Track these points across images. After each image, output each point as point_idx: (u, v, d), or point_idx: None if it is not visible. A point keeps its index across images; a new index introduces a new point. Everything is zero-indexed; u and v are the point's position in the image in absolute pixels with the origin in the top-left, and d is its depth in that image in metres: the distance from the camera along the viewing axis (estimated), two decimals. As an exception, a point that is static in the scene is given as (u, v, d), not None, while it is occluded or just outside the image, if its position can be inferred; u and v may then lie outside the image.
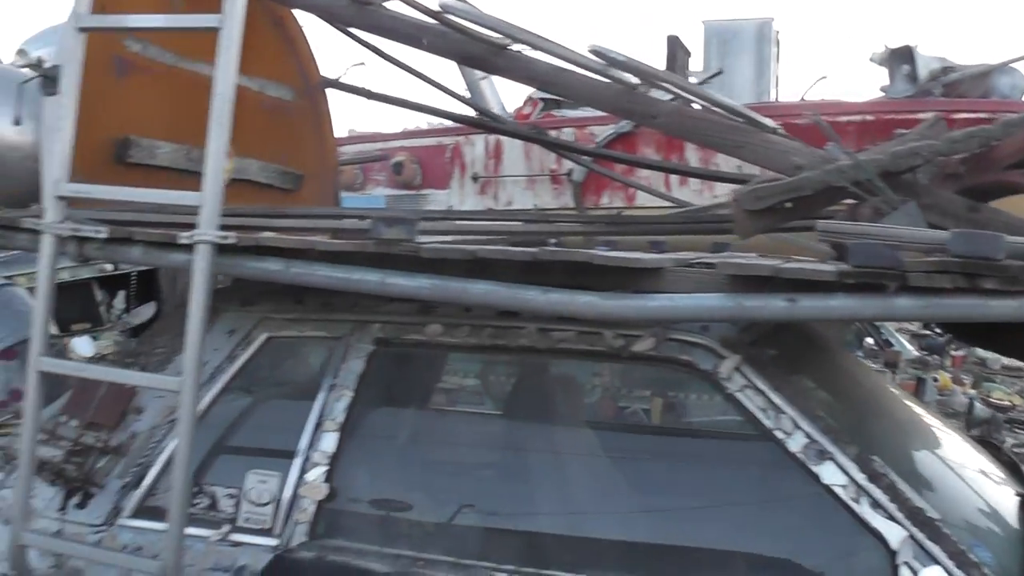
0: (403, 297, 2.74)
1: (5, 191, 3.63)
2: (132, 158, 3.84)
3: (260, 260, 2.82)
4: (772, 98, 8.62)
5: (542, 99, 8.91)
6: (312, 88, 4.96)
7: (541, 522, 3.06)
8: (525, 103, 9.08)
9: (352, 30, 4.51)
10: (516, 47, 3.89)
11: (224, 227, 2.81)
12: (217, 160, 2.76)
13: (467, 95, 7.46)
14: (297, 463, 3.02)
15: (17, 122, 3.59)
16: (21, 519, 2.93)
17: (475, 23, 3.75)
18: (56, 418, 3.38)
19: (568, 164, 6.47)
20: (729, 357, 2.81)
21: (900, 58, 6.73)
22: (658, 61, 6.74)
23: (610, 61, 3.64)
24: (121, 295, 7.77)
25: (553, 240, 3.82)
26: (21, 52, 7.51)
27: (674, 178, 6.41)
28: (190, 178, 4.21)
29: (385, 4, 4.03)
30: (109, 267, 7.65)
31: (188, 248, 2.82)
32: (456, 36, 3.86)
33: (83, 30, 3.01)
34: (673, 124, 3.78)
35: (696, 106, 4.03)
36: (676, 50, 8.54)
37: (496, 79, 6.27)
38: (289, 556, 2.90)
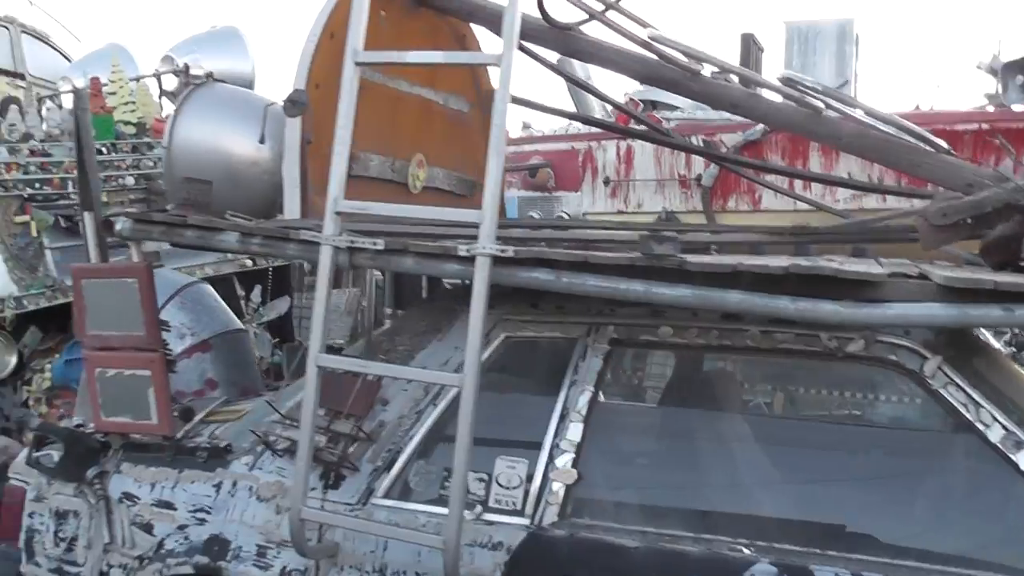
0: (667, 305, 3.06)
1: (246, 203, 4.00)
2: (352, 171, 4.20)
3: (531, 271, 3.15)
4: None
5: (642, 101, 9.22)
6: (485, 99, 5.30)
7: (765, 504, 3.40)
8: (626, 104, 9.36)
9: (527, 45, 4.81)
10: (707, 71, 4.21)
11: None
12: (495, 181, 3.09)
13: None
14: (545, 450, 3.37)
15: (261, 140, 3.96)
16: (302, 497, 3.29)
17: (674, 49, 4.06)
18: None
19: (697, 168, 6.79)
20: (932, 357, 3.13)
21: (1016, 69, 6.98)
22: (732, 57, 7.04)
23: (801, 89, 3.96)
24: (257, 290, 8.15)
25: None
26: (167, 59, 7.97)
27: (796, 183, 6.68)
28: (391, 187, 4.61)
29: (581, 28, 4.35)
30: (249, 263, 8.05)
31: (462, 259, 3.17)
32: (654, 62, 4.16)
33: (359, 64, 3.34)
34: (856, 145, 4.08)
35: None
36: (750, 47, 8.88)
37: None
38: (543, 534, 3.26)
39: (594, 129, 7.18)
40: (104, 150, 7.04)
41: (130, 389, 3.91)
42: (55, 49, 11.37)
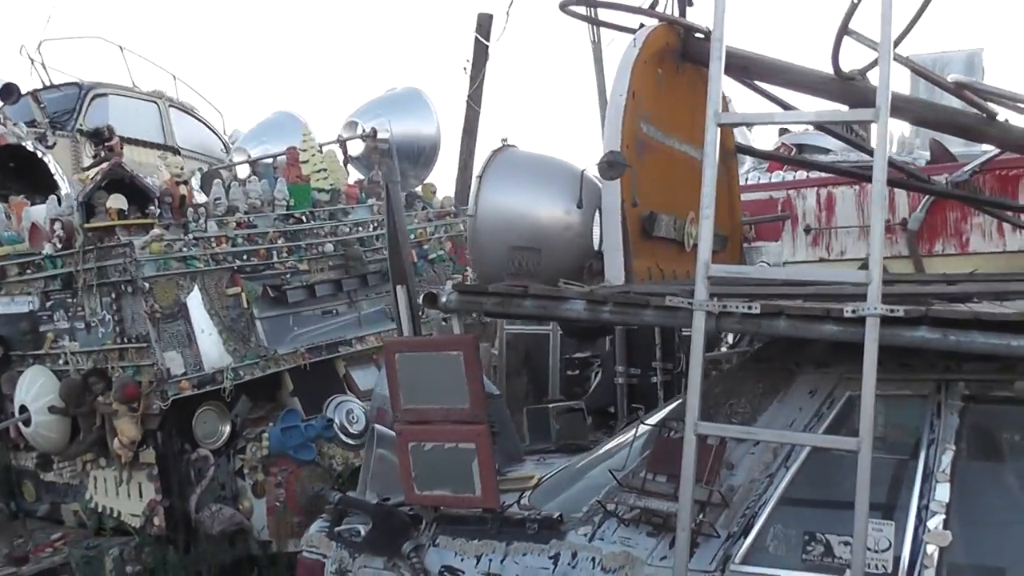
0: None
1: (554, 268, 3.98)
2: (654, 231, 4.18)
3: (915, 330, 3.07)
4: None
5: (795, 145, 9.17)
6: (727, 153, 5.27)
7: None
8: (777, 149, 9.31)
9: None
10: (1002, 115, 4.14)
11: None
12: (879, 240, 3.04)
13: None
14: (912, 512, 3.26)
15: (579, 205, 3.94)
16: (684, 572, 3.21)
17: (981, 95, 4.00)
18: (641, 473, 3.69)
19: (901, 212, 6.71)
20: None
21: None
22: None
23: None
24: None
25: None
26: (351, 124, 8.04)
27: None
28: (672, 246, 4.57)
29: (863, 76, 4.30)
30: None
31: (843, 320, 3.10)
32: (949, 109, 4.10)
33: (720, 125, 3.31)
34: None
35: None
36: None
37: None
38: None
39: (787, 176, 7.17)
40: (304, 218, 7.10)
41: (451, 462, 3.87)
42: (202, 122, 11.60)
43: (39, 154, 9.99)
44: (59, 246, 6.54)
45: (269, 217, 6.92)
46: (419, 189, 8.44)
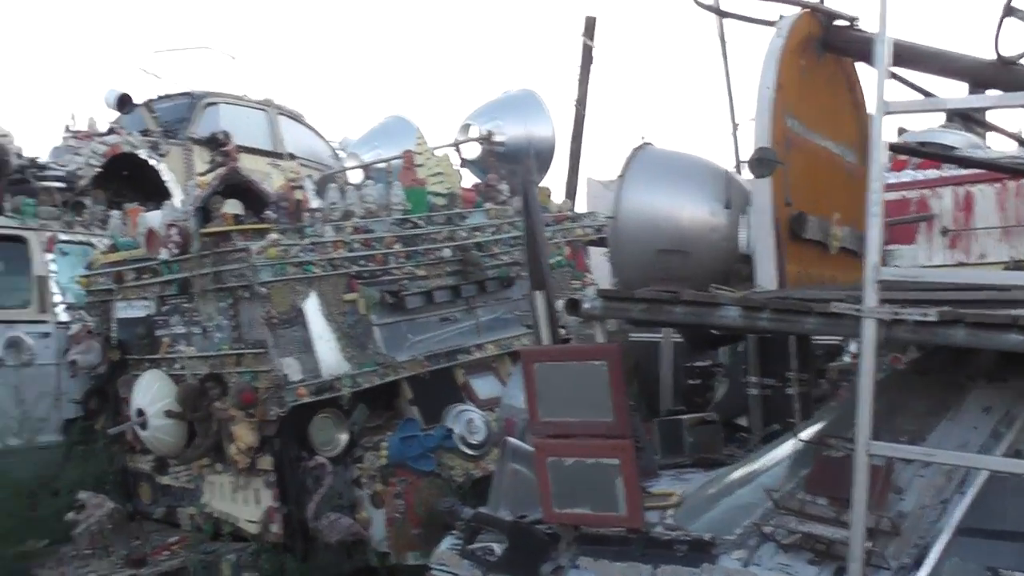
0: None
1: (698, 271, 3.75)
2: (804, 233, 3.91)
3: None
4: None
5: (917, 143, 8.75)
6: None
7: None
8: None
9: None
10: None
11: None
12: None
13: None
14: None
15: (727, 206, 3.70)
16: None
17: None
18: (799, 495, 3.43)
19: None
20: None
21: None
22: None
23: None
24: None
25: None
26: (466, 127, 7.90)
27: None
28: (815, 248, 4.30)
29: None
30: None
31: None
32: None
33: (887, 114, 3.05)
34: None
35: None
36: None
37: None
38: None
39: (918, 176, 6.81)
40: (420, 223, 6.96)
41: (592, 479, 3.66)
42: (310, 129, 11.61)
43: (152, 162, 10.08)
44: (175, 251, 6.50)
45: (385, 222, 6.79)
46: (534, 193, 8.25)
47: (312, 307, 6.29)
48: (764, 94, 3.71)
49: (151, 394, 6.65)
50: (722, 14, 5.98)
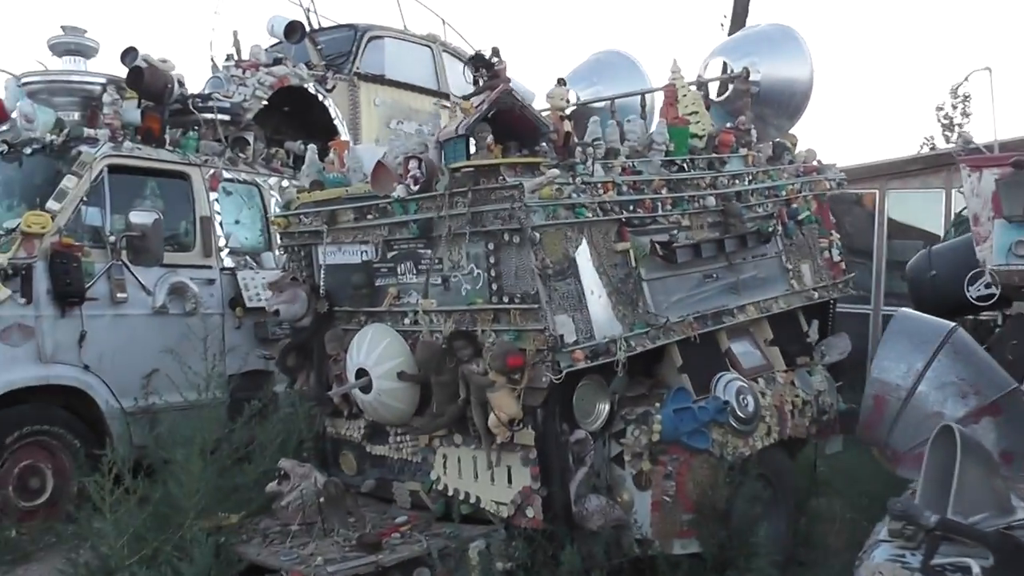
0: None
1: None
2: None
3: None
4: None
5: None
6: None
7: None
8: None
9: None
10: None
11: None
12: None
13: None
14: None
15: None
16: None
17: None
18: None
19: None
20: None
21: None
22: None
23: None
24: (815, 324, 7.06)
25: None
26: (718, 63, 6.97)
27: None
28: None
29: None
30: (815, 294, 6.99)
31: None
32: None
33: None
34: None
35: None
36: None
37: None
38: None
39: None
40: (685, 166, 6.07)
41: None
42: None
43: (320, 97, 9.27)
44: (414, 188, 5.58)
45: (653, 163, 5.90)
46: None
47: (583, 257, 5.41)
48: None
49: (377, 352, 5.76)
50: None
